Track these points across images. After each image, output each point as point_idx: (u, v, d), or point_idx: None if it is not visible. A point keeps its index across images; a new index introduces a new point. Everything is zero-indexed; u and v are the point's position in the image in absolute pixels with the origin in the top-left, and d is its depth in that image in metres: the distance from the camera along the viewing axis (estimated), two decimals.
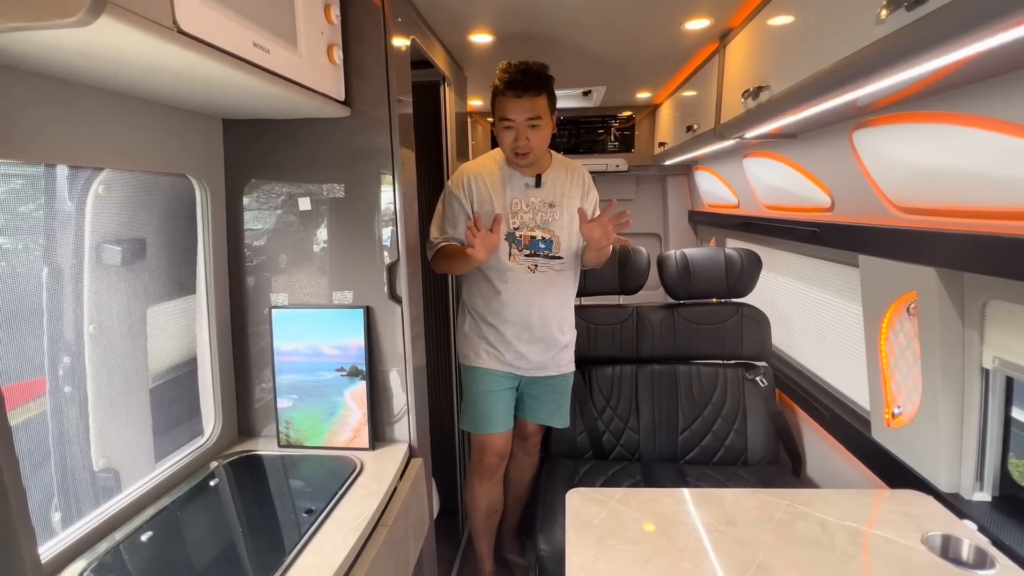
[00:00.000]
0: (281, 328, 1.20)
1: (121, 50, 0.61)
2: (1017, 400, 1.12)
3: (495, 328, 1.59)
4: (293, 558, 0.82)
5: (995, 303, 1.05)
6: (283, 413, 1.20)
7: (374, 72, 1.12)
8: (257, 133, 1.16)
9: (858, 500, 1.12)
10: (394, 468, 1.11)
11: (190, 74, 0.74)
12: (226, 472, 1.10)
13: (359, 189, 1.17)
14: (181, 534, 0.91)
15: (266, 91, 0.86)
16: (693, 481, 1.68)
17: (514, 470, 1.82)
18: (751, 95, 1.28)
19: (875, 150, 1.13)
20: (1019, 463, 3.40)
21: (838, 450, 1.54)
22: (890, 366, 1.29)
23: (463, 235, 1.55)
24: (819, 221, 1.51)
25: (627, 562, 0.92)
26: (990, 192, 0.87)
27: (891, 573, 0.88)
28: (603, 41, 1.69)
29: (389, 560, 0.97)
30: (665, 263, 1.91)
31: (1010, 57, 0.68)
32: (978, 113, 0.82)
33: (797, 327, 2.06)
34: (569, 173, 1.63)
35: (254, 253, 1.22)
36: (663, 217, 3.17)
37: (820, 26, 0.98)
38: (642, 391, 1.87)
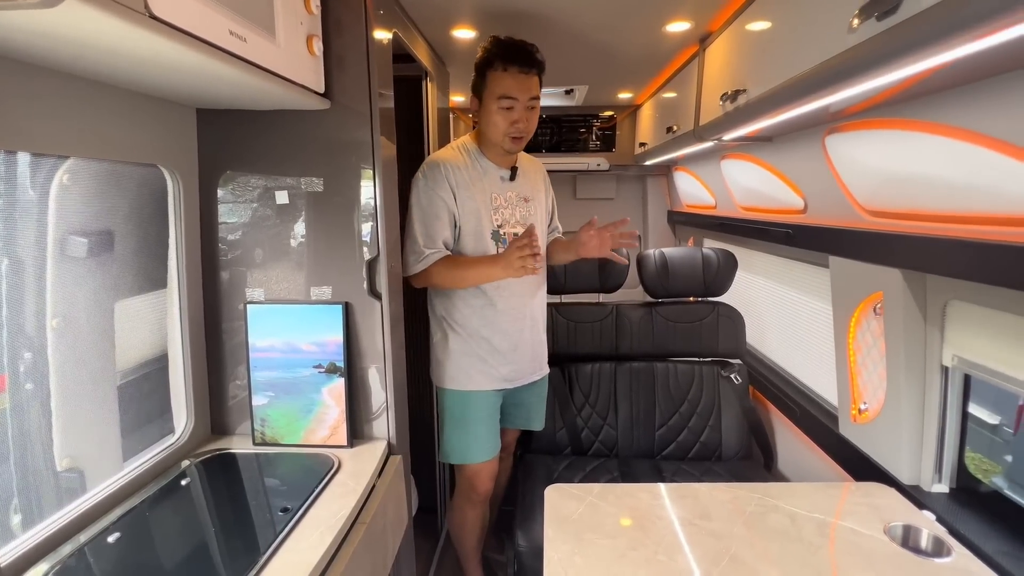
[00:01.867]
0: (257, 324, 1.17)
1: (88, 34, 0.59)
2: (974, 396, 1.17)
3: (488, 341, 1.46)
4: (268, 558, 0.81)
5: (955, 304, 1.09)
6: (258, 410, 1.18)
7: (355, 65, 1.10)
8: (233, 124, 1.13)
9: (826, 493, 1.16)
10: (372, 466, 1.10)
11: (162, 62, 0.72)
12: (198, 471, 1.07)
13: (338, 183, 1.16)
14: (150, 535, 0.89)
15: (242, 81, 0.83)
16: (669, 476, 1.71)
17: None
18: (729, 98, 1.30)
19: (846, 155, 1.17)
20: (975, 456, 3.57)
21: (808, 445, 1.59)
22: (857, 364, 1.34)
23: (451, 240, 1.42)
24: (792, 223, 1.55)
25: (604, 556, 0.94)
26: (952, 198, 0.91)
27: (855, 563, 0.91)
28: (585, 40, 1.70)
29: (367, 558, 0.96)
30: (644, 262, 1.93)
31: (972, 69, 0.71)
32: (942, 122, 0.86)
33: (770, 326, 2.12)
34: (533, 167, 1.57)
35: (229, 247, 1.19)
36: (643, 217, 3.21)
37: (795, 33, 1.01)
38: (620, 388, 1.89)
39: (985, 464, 3.70)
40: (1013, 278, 0.82)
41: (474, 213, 1.42)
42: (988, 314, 1.02)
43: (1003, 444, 3.55)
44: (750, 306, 2.10)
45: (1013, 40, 0.58)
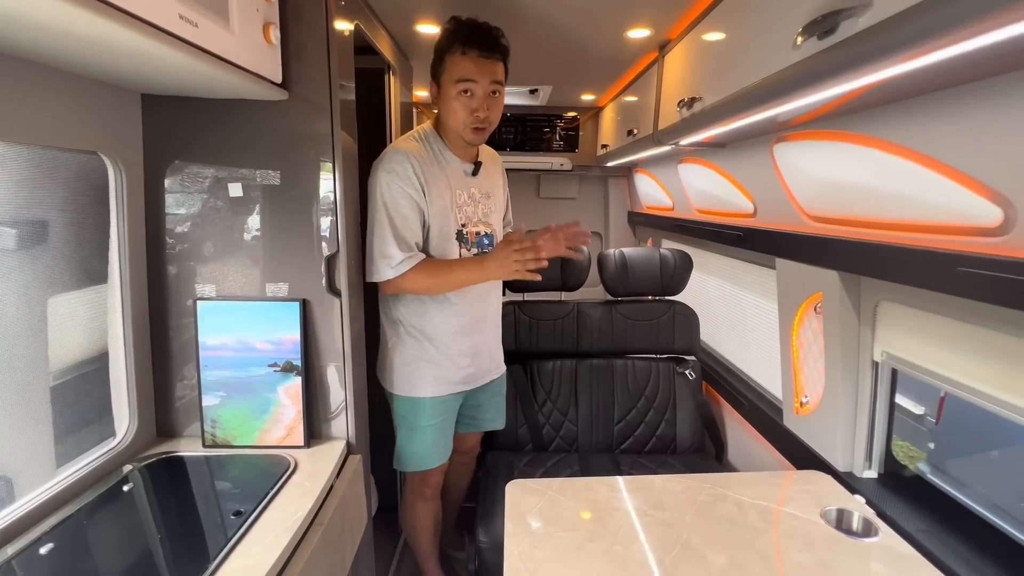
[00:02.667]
0: (207, 321, 1.13)
1: (22, 9, 0.55)
2: (903, 389, 1.27)
3: (446, 344, 1.39)
4: (218, 563, 0.78)
5: (885, 304, 1.18)
6: (209, 411, 1.13)
7: (314, 55, 1.07)
8: (182, 111, 1.08)
9: (770, 481, 1.23)
10: (330, 466, 1.08)
11: (103, 43, 0.68)
12: (142, 475, 1.02)
13: (296, 176, 1.12)
14: (87, 545, 0.84)
15: (193, 68, 0.80)
16: (627, 469, 1.77)
17: (452, 479, 1.78)
18: (686, 105, 1.35)
19: (791, 162, 1.24)
20: (904, 444, 3.85)
21: (755, 437, 1.68)
22: (800, 359, 1.43)
23: (422, 241, 1.32)
24: (743, 226, 1.63)
25: (563, 548, 0.96)
26: (883, 205, 0.98)
27: (795, 545, 0.98)
28: (549, 41, 1.72)
29: (325, 560, 0.95)
30: (605, 261, 1.98)
31: (901, 88, 0.78)
32: (876, 135, 0.93)
33: (722, 324, 2.22)
34: (491, 159, 1.49)
35: (177, 240, 1.14)
36: (604, 217, 3.28)
37: (747, 46, 1.06)
38: (581, 384, 1.93)
39: (912, 451, 4.00)
40: (934, 281, 0.90)
41: (442, 212, 1.32)
42: (913, 314, 1.11)
43: (927, 433, 3.86)
44: (704, 305, 2.20)
45: (935, 64, 0.63)
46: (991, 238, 0.78)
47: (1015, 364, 0.90)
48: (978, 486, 2.80)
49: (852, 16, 0.67)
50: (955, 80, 0.72)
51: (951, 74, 0.69)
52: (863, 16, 0.66)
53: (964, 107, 0.74)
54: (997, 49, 0.57)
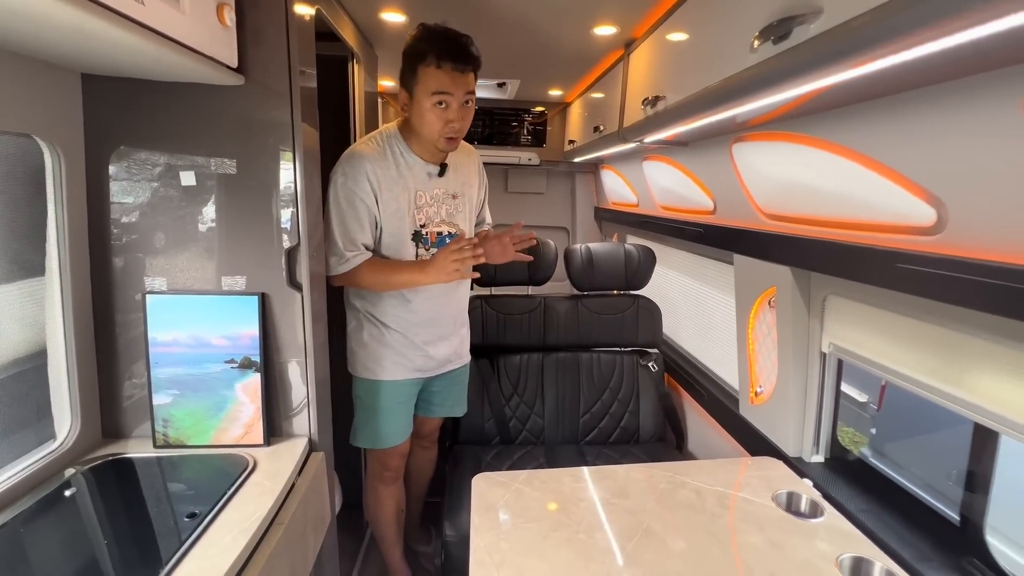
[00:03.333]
0: (158, 316, 1.07)
1: None
2: (846, 378, 1.35)
3: (402, 335, 1.45)
4: (172, 567, 0.75)
5: (832, 298, 1.25)
6: (160, 410, 1.08)
7: (273, 40, 1.03)
8: (128, 93, 1.02)
9: (727, 468, 1.29)
10: (292, 463, 1.05)
11: (39, 18, 0.63)
12: (86, 479, 0.97)
13: (254, 166, 1.08)
14: (25, 553, 0.79)
15: (138, 48, 0.75)
16: (592, 460, 1.80)
17: (415, 466, 1.79)
18: (650, 103, 1.38)
19: (749, 162, 1.29)
20: (849, 431, 4.08)
21: (713, 426, 1.75)
22: (755, 351, 1.49)
23: (371, 242, 1.37)
24: (704, 222, 1.68)
25: (528, 539, 0.97)
26: (831, 204, 1.04)
27: (749, 528, 1.02)
28: (517, 35, 1.72)
29: (286, 559, 0.93)
30: (571, 256, 2.00)
31: (848, 93, 0.82)
32: (826, 138, 0.97)
33: (684, 317, 2.29)
34: (467, 158, 1.51)
35: (123, 231, 1.07)
36: (572, 212, 3.31)
37: (708, 47, 1.09)
38: (547, 378, 1.96)
39: (856, 437, 4.26)
40: (875, 277, 0.96)
41: (396, 215, 1.36)
42: (858, 307, 1.18)
43: (869, 419, 4.12)
44: (667, 299, 2.26)
45: (879, 71, 0.67)
46: (926, 236, 0.84)
47: (947, 354, 0.97)
48: (913, 467, 3.02)
49: (804, 23, 0.70)
50: (897, 87, 0.76)
51: (893, 81, 0.73)
52: (814, 23, 0.69)
53: (905, 113, 0.79)
54: (936, 59, 0.61)
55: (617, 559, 0.93)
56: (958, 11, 0.50)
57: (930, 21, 0.53)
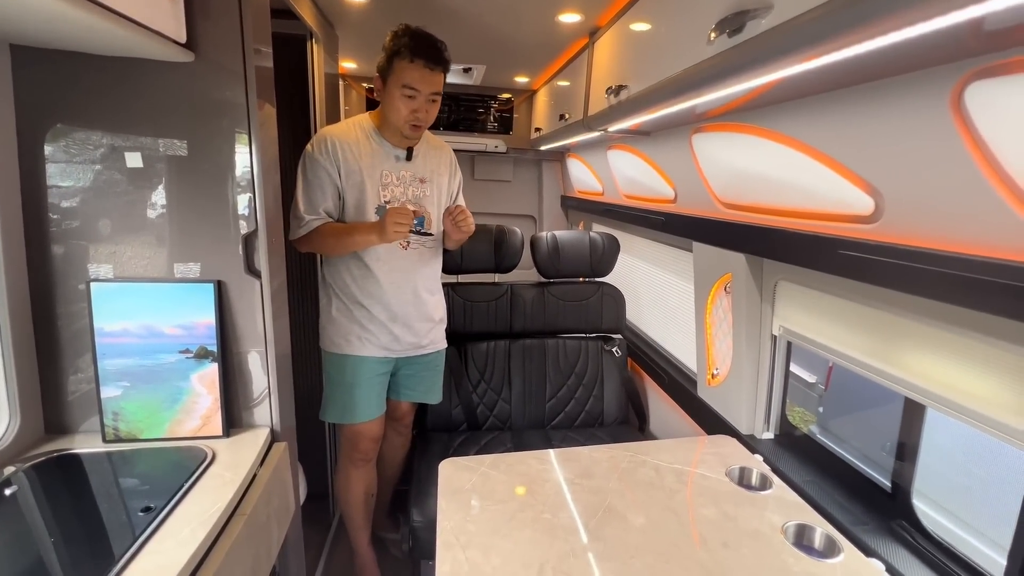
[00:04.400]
0: (104, 305, 1.02)
1: None
2: (797, 360, 1.43)
3: (367, 310, 1.51)
4: (127, 561, 0.73)
5: (783, 284, 1.32)
6: (109, 404, 1.03)
7: (224, 14, 0.98)
8: (65, 68, 0.95)
9: (685, 447, 1.35)
10: (253, 454, 1.03)
11: None
12: (28, 477, 0.92)
13: (207, 148, 1.03)
14: None
15: (68, 15, 0.70)
16: (558, 443, 1.85)
17: (387, 450, 1.80)
18: (613, 92, 1.40)
19: (707, 152, 1.33)
20: (799, 411, 4.31)
21: (673, 407, 1.82)
22: (712, 335, 1.56)
23: (334, 209, 1.47)
24: (665, 211, 1.73)
25: (495, 520, 0.99)
26: (781, 194, 1.09)
27: (705, 501, 1.08)
28: (481, 20, 1.70)
29: (248, 551, 0.91)
30: (537, 244, 2.02)
31: (796, 87, 0.86)
32: (777, 129, 1.02)
33: (646, 303, 2.35)
34: (438, 151, 1.60)
35: (63, 216, 1.01)
36: (538, 200, 3.33)
37: (668, 38, 1.12)
38: (514, 364, 1.98)
39: (807, 416, 4.51)
40: (819, 263, 1.01)
41: (358, 187, 1.45)
42: (805, 292, 1.25)
43: (817, 399, 4.38)
44: (630, 286, 2.31)
45: (824, 66, 0.71)
46: (865, 224, 0.89)
47: (883, 335, 1.04)
48: (854, 441, 3.24)
49: (756, 17, 0.73)
50: (840, 83, 0.80)
51: (836, 77, 0.77)
52: (765, 18, 0.72)
53: (847, 107, 0.83)
54: (873, 56, 0.65)
55: (581, 536, 0.96)
56: (892, 11, 0.53)
57: (868, 19, 0.57)
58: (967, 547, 0.95)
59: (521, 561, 0.89)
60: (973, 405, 0.87)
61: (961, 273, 0.73)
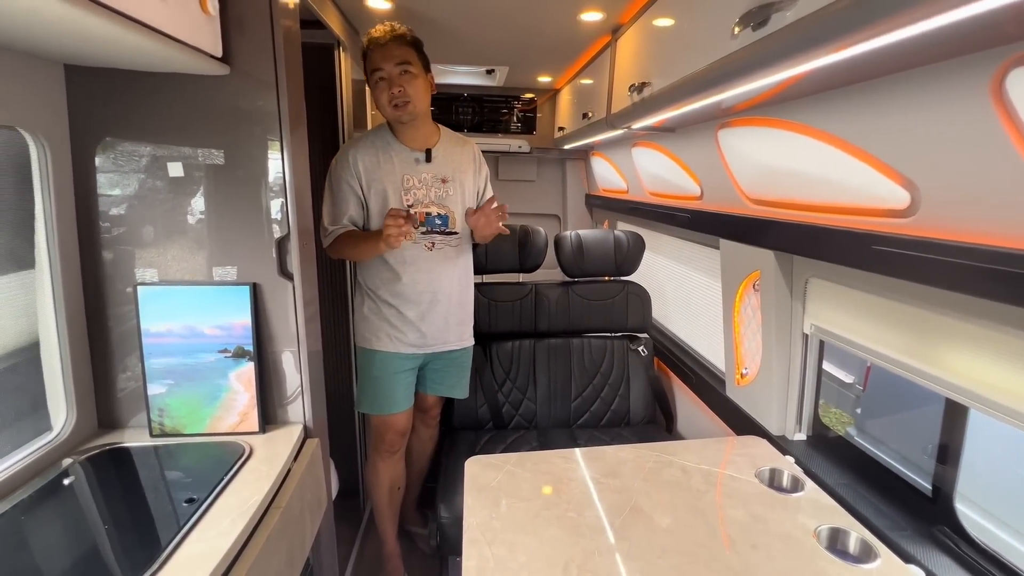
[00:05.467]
0: (150, 307, 1.08)
1: None
2: (833, 360, 1.39)
3: (396, 309, 1.56)
4: (172, 550, 0.77)
5: (814, 281, 1.28)
6: (155, 400, 1.09)
7: (257, 28, 1.02)
8: (113, 84, 1.01)
9: (712, 447, 1.33)
10: (287, 450, 1.07)
11: (16, 8, 0.63)
12: (84, 469, 0.98)
13: (242, 156, 1.08)
14: (26, 540, 0.81)
15: (119, 38, 0.75)
16: (583, 443, 1.84)
17: (415, 443, 1.84)
18: (636, 89, 1.39)
19: (734, 147, 1.31)
20: (836, 412, 4.15)
21: (701, 407, 1.79)
22: (741, 334, 1.53)
23: (358, 218, 1.52)
24: (691, 208, 1.70)
25: (520, 517, 1.01)
26: (811, 189, 1.06)
27: (733, 503, 1.06)
28: (505, 21, 1.71)
29: (283, 543, 0.95)
30: (561, 243, 2.02)
31: (826, 79, 0.84)
32: (805, 122, 0.99)
33: (672, 302, 2.32)
34: (460, 147, 1.61)
35: (112, 223, 1.07)
36: (562, 199, 3.32)
37: (692, 33, 1.10)
38: (539, 363, 1.99)
39: (843, 417, 4.33)
40: (852, 259, 0.98)
41: (380, 195, 1.50)
42: (838, 289, 1.21)
43: (854, 399, 4.19)
44: (656, 284, 2.29)
45: (854, 57, 0.69)
46: (900, 219, 0.86)
47: (921, 333, 1.00)
48: (892, 443, 3.10)
49: (781, 9, 0.72)
50: (872, 73, 0.78)
51: (868, 67, 0.75)
52: (791, 10, 0.70)
53: (880, 98, 0.80)
54: (908, 44, 0.63)
55: (607, 535, 0.96)
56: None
57: (902, 7, 0.55)
58: (1015, 554, 0.91)
59: (547, 559, 0.90)
60: (1019, 406, 0.83)
61: (1005, 268, 0.69)
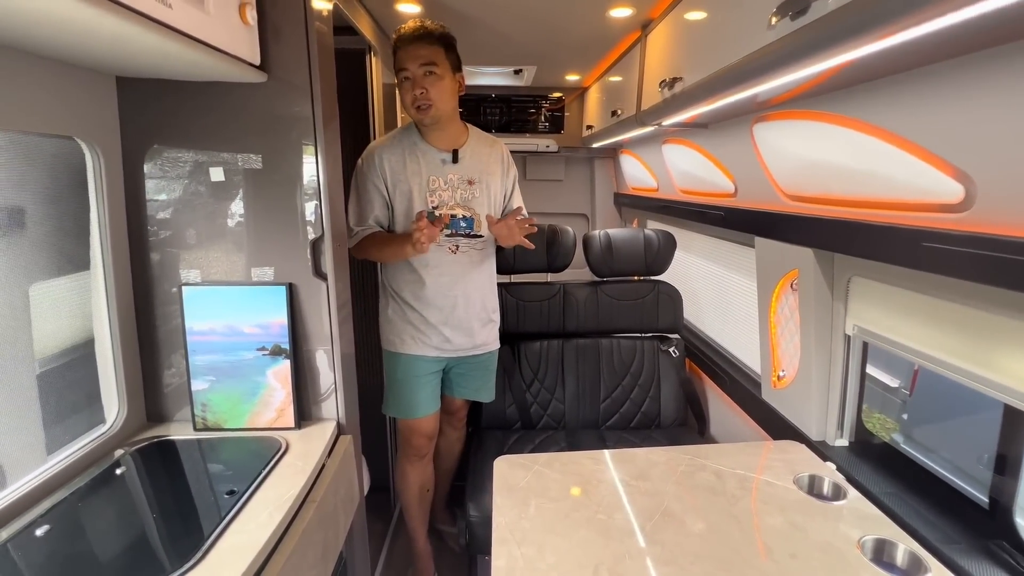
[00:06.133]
0: (194, 307, 1.13)
1: None
2: (877, 363, 1.32)
3: (419, 313, 1.55)
4: (214, 540, 0.80)
5: (856, 280, 1.23)
6: (198, 395, 1.14)
7: (293, 36, 1.06)
8: (159, 94, 1.06)
9: (748, 452, 1.29)
10: (321, 445, 1.10)
11: (75, 26, 0.67)
12: (134, 460, 1.03)
13: (278, 160, 1.12)
14: (82, 526, 0.86)
15: (168, 51, 0.79)
16: (612, 444, 1.82)
17: (443, 444, 1.85)
18: (667, 85, 1.36)
19: (770, 142, 1.26)
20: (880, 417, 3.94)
21: (735, 410, 1.74)
22: (777, 335, 1.48)
23: (384, 219, 1.52)
24: (725, 205, 1.66)
25: (549, 518, 1.00)
26: (854, 183, 1.01)
27: (770, 510, 1.03)
28: (532, 20, 1.71)
29: (319, 535, 0.98)
30: (590, 243, 2.00)
31: (871, 68, 0.80)
32: (848, 115, 0.95)
33: (705, 302, 2.26)
34: (488, 148, 1.58)
35: (159, 226, 1.13)
36: (591, 198, 3.29)
37: (725, 25, 1.07)
38: (567, 364, 1.97)
39: (888, 423, 4.13)
40: (900, 256, 0.93)
41: (406, 195, 1.49)
42: (883, 288, 1.15)
43: (900, 404, 3.99)
44: (687, 284, 2.24)
45: (900, 44, 0.65)
46: (953, 214, 0.81)
47: (976, 335, 0.94)
48: (943, 452, 2.93)
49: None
50: (919, 61, 0.74)
51: (914, 55, 0.71)
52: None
53: (930, 86, 0.76)
54: (961, 29, 0.59)
55: (637, 538, 0.95)
56: None
57: None
58: None
59: (576, 560, 0.89)
60: None
61: None
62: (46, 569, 0.76)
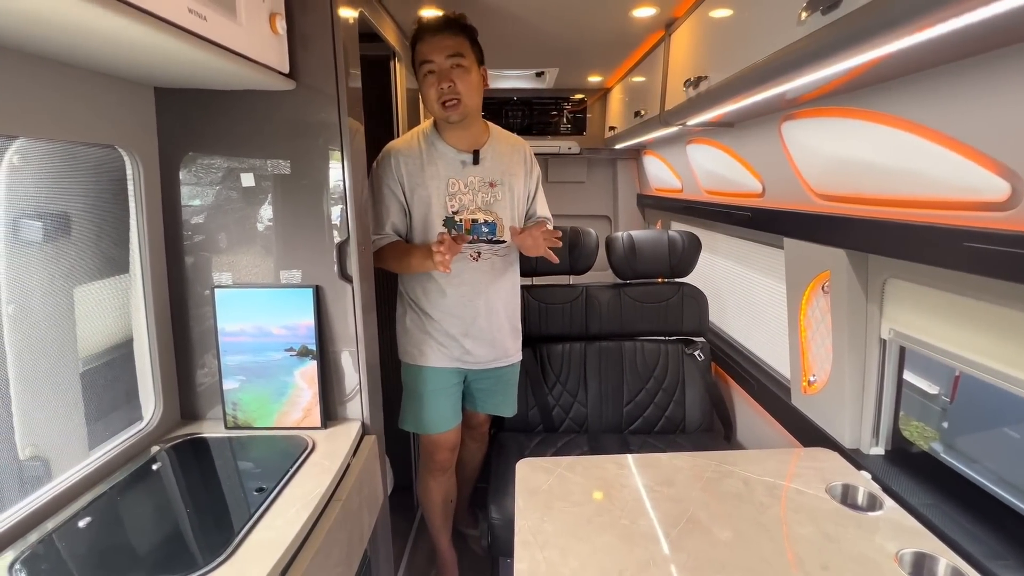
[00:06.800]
0: (225, 308, 1.16)
1: (41, 9, 0.57)
2: (917, 368, 1.27)
3: (439, 323, 1.49)
4: (244, 535, 0.82)
5: (893, 281, 1.18)
6: (229, 395, 1.18)
7: (320, 44, 1.08)
8: (193, 103, 1.10)
9: (777, 459, 1.25)
10: (347, 445, 1.12)
11: (118, 40, 0.70)
12: (169, 456, 1.07)
13: (306, 165, 1.15)
14: (121, 518, 0.89)
15: (203, 61, 0.82)
16: (636, 449, 1.79)
17: (465, 455, 1.82)
18: (692, 84, 1.34)
19: (800, 141, 1.23)
20: (918, 425, 3.78)
21: (763, 416, 1.70)
22: (808, 339, 1.43)
23: (401, 226, 1.46)
24: (751, 206, 1.62)
25: (571, 522, 0.99)
26: (889, 182, 0.98)
27: (800, 519, 1.00)
28: (554, 23, 1.71)
29: (343, 533, 0.99)
30: (613, 245, 1.98)
31: (907, 63, 0.77)
32: (882, 111, 0.92)
33: (731, 305, 2.21)
34: (510, 148, 1.51)
35: (193, 231, 1.17)
36: (613, 200, 3.26)
37: (752, 22, 1.05)
38: (590, 367, 1.96)
39: (927, 431, 3.96)
40: (941, 257, 0.89)
41: (424, 201, 1.43)
42: (921, 291, 1.11)
43: (940, 412, 3.82)
44: (713, 286, 2.19)
45: (939, 36, 0.63)
46: (998, 212, 0.77)
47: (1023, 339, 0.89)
48: (987, 462, 2.78)
49: None
50: (960, 53, 0.71)
51: (955, 47, 0.68)
52: None
53: (971, 80, 0.73)
54: (1002, 20, 0.56)
55: (661, 545, 0.93)
56: None
57: None
58: None
59: (599, 565, 0.88)
60: None
61: None
62: (88, 560, 0.79)
